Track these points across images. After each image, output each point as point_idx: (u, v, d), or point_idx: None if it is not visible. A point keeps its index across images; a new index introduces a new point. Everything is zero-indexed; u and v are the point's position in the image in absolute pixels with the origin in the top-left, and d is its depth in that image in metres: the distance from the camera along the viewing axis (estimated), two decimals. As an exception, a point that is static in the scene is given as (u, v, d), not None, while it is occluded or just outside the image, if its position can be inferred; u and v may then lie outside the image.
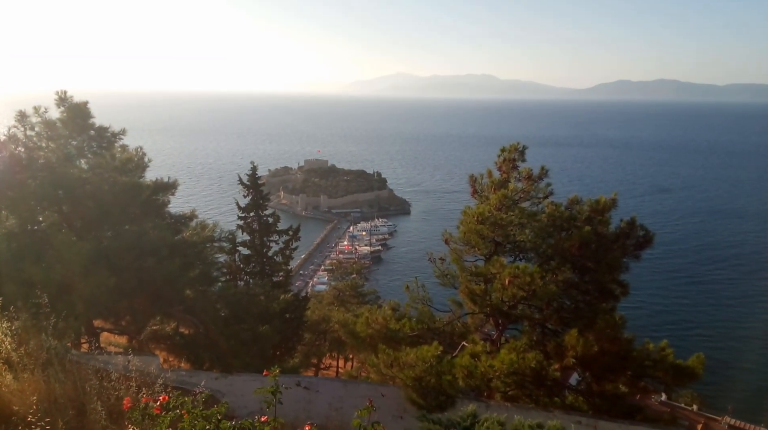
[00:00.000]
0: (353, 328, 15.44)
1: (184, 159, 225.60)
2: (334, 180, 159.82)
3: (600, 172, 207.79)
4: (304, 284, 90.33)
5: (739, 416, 49.19)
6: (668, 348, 13.80)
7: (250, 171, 22.67)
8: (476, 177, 17.00)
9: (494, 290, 14.04)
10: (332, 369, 35.91)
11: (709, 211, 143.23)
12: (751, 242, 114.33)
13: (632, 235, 14.71)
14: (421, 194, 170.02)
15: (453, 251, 15.94)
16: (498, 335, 15.62)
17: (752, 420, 48.69)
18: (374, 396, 12.41)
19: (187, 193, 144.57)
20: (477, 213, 14.63)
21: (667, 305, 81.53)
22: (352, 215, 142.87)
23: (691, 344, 64.74)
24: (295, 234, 23.55)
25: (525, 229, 14.87)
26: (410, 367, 12.06)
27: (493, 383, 12.83)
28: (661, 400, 46.08)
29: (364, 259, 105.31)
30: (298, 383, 12.58)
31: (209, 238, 16.22)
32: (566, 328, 14.25)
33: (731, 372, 60.78)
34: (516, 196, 15.35)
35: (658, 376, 13.59)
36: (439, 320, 16.63)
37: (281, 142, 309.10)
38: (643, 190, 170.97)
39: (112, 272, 12.98)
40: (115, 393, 6.78)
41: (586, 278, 14.80)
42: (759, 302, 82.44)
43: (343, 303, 37.98)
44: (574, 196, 15.90)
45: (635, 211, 22.39)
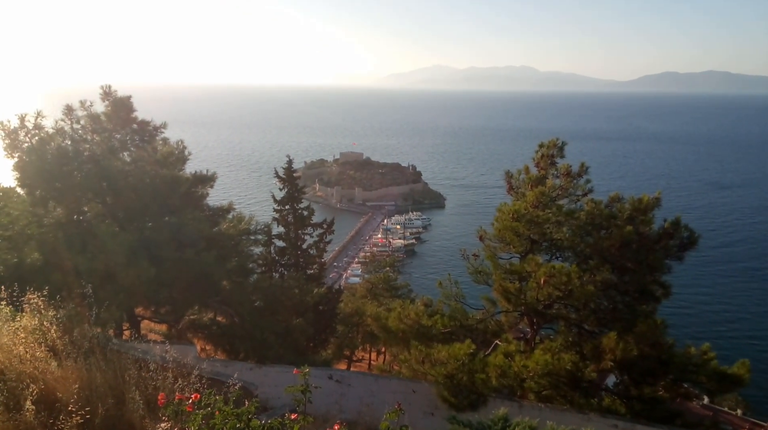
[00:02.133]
0: (385, 322, 15.45)
1: (223, 152, 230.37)
2: (369, 173, 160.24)
3: (644, 168, 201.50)
4: (338, 276, 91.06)
5: (786, 424, 47.15)
6: (710, 352, 13.29)
7: (286, 164, 22.91)
8: (512, 173, 16.71)
9: (529, 289, 13.79)
10: (365, 362, 36.14)
11: (760, 207, 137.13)
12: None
13: (676, 236, 14.17)
14: (456, 188, 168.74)
15: (487, 248, 15.73)
16: (532, 335, 15.36)
17: (801, 429, 46.57)
18: (405, 392, 12.42)
19: (225, 185, 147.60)
20: (512, 210, 14.37)
21: (713, 308, 78.73)
22: (387, 207, 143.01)
23: (737, 347, 62.37)
24: (329, 227, 23.71)
25: (562, 227, 14.53)
26: (442, 364, 11.99)
27: (526, 384, 12.63)
28: (703, 403, 44.63)
29: (398, 252, 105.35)
30: (330, 376, 12.68)
31: (245, 230, 16.50)
32: (604, 329, 13.89)
33: (779, 378, 58.24)
34: (554, 193, 15.02)
35: (700, 381, 13.12)
36: (471, 317, 16.48)
37: (317, 134, 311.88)
38: (690, 187, 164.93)
39: (153, 263, 13.36)
40: (152, 383, 6.96)
41: (626, 279, 14.36)
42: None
43: (375, 296, 38.10)
44: (615, 194, 15.42)
45: (681, 209, 21.64)
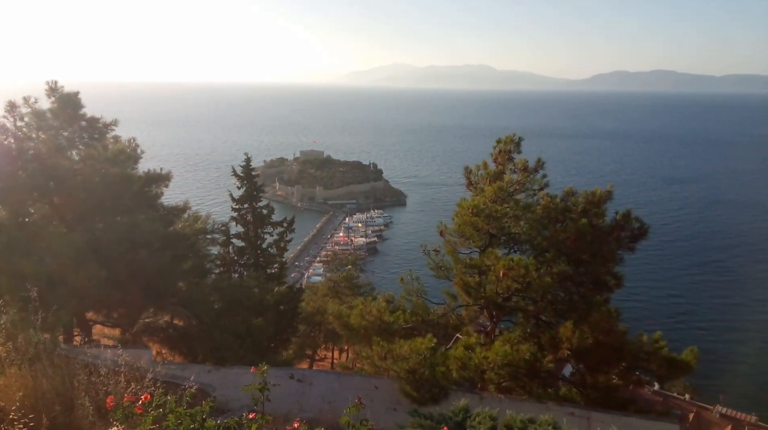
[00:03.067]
0: (347, 320, 15.40)
1: (179, 151, 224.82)
2: (330, 171, 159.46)
3: (597, 164, 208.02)
4: (300, 275, 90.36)
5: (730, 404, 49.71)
6: (662, 340, 13.83)
7: (244, 162, 22.53)
8: (471, 169, 16.93)
9: (489, 282, 14.00)
10: (327, 361, 35.97)
11: (708, 202, 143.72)
12: (749, 233, 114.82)
13: (627, 227, 14.68)
14: (417, 186, 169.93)
15: (448, 243, 15.89)
16: (492, 327, 15.61)
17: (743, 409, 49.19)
18: (368, 389, 12.40)
19: (181, 185, 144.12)
20: (472, 205, 14.56)
21: (662, 296, 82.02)
22: (348, 206, 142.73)
23: (686, 335, 65.23)
24: (289, 226, 23.47)
25: (520, 221, 14.81)
26: (404, 359, 12.04)
27: (487, 375, 12.83)
28: (654, 390, 46.46)
29: (360, 250, 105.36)
30: (291, 375, 12.53)
31: (202, 230, 16.12)
32: (561, 320, 14.26)
33: (724, 362, 61.28)
34: (511, 188, 15.29)
35: (651, 368, 13.63)
36: (433, 312, 16.60)
37: (277, 133, 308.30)
38: (641, 181, 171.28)
39: (104, 265, 12.87)
40: (103, 388, 6.69)
41: (581, 270, 14.78)
42: (755, 293, 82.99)
43: (338, 295, 37.95)
44: (570, 188, 15.84)
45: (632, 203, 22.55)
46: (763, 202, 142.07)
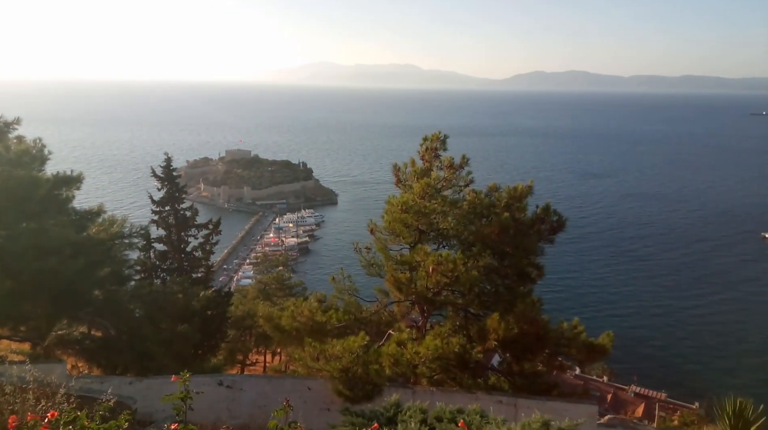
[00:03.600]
0: (278, 322, 15.11)
1: (94, 151, 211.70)
2: (258, 171, 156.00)
3: (519, 160, 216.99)
4: (228, 278, 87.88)
5: (642, 384, 53.68)
6: (580, 326, 14.63)
7: (165, 162, 21.49)
8: (399, 166, 17.10)
9: (419, 278, 14.21)
10: (259, 365, 35.19)
11: (621, 195, 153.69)
12: (658, 223, 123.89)
13: (547, 220, 15.37)
14: (348, 184, 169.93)
15: (378, 241, 15.96)
16: (423, 322, 15.86)
17: (655, 387, 53.25)
18: (300, 390, 12.23)
19: (96, 187, 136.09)
20: (401, 202, 14.70)
21: (580, 285, 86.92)
22: (278, 206, 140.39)
23: (602, 321, 69.39)
24: (215, 227, 22.64)
25: (447, 217, 15.13)
26: (337, 358, 11.97)
27: (419, 370, 13.02)
28: (575, 374, 49.23)
29: (291, 251, 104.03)
30: (220, 382, 12.12)
31: (119, 234, 15.21)
32: (488, 311, 14.72)
33: (637, 345, 65.93)
34: (438, 184, 15.58)
35: (572, 354, 14.39)
36: (365, 309, 16.64)
37: (201, 132, 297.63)
38: (559, 176, 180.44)
39: (8, 275, 11.87)
40: (9, 408, 6.17)
41: (506, 263, 15.32)
42: (664, 280, 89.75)
43: (269, 297, 37.26)
44: (493, 184, 16.38)
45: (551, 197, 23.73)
46: (670, 194, 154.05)
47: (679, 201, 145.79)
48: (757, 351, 64.83)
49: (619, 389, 49.77)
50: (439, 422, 5.03)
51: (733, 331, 70.47)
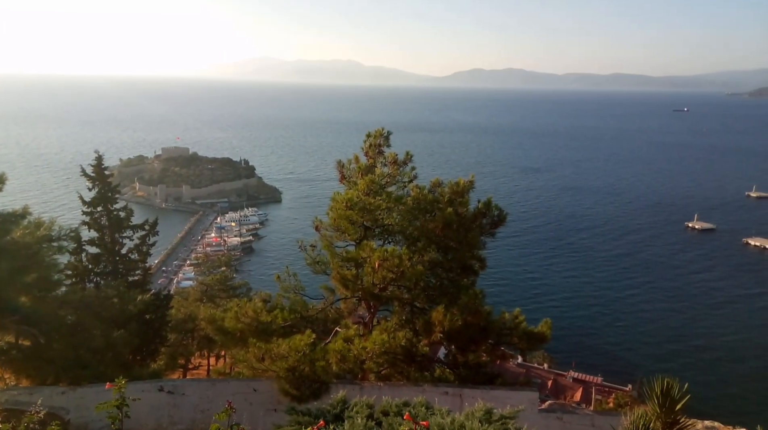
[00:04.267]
0: (221, 324, 14.73)
1: (19, 150, 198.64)
2: (197, 169, 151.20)
3: (461, 156, 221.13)
4: (168, 281, 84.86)
5: (580, 369, 56.19)
6: (521, 316, 15.12)
7: (95, 161, 20.45)
8: (344, 163, 17.05)
9: (365, 274, 14.23)
10: (203, 368, 34.22)
11: (559, 189, 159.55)
12: (594, 216, 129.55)
13: (488, 214, 15.78)
14: (292, 182, 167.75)
15: (324, 238, 15.87)
16: (370, 318, 15.92)
17: (591, 372, 55.88)
18: (246, 392, 11.99)
19: (21, 189, 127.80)
20: (346, 199, 14.67)
21: (521, 276, 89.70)
22: (219, 205, 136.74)
23: (542, 311, 72.04)
24: (152, 228, 21.79)
25: (392, 213, 15.23)
26: (282, 358, 11.81)
27: (366, 365, 13.05)
28: (518, 363, 50.86)
29: (234, 250, 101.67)
30: (160, 387, 11.68)
31: (46, 237, 14.33)
32: (433, 305, 14.94)
33: (575, 332, 68.90)
34: (383, 181, 15.66)
35: (514, 342, 14.85)
36: (312, 307, 16.50)
37: (137, 129, 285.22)
38: (500, 172, 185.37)
39: None
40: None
41: (450, 257, 15.61)
42: (600, 269, 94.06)
43: (211, 298, 36.27)
44: (436, 180, 16.64)
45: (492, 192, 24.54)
46: (603, 188, 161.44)
47: (612, 194, 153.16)
48: (682, 334, 69.24)
49: (559, 375, 51.89)
50: (385, 416, 5.06)
51: (662, 316, 74.90)
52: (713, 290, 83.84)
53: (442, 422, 4.49)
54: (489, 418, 4.85)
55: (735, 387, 56.64)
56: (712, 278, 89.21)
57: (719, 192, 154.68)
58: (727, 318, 73.76)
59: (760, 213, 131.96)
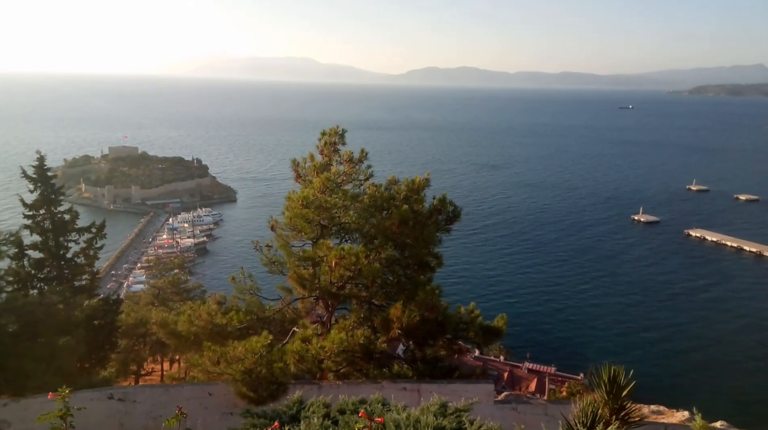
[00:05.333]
0: (174, 327, 14.35)
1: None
2: (147, 169, 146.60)
3: (417, 154, 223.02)
4: (118, 285, 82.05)
5: (535, 360, 57.75)
6: (476, 310, 15.40)
7: (37, 161, 19.52)
8: (299, 161, 16.90)
9: (322, 273, 14.16)
10: (156, 374, 33.25)
11: (513, 185, 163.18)
12: (548, 211, 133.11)
13: (444, 210, 15.96)
14: (247, 181, 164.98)
15: (280, 237, 15.67)
16: (328, 317, 15.85)
17: (545, 362, 57.51)
18: (201, 397, 11.73)
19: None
20: (301, 197, 14.54)
21: (477, 271, 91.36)
22: (171, 205, 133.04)
23: (498, 304, 73.64)
24: (99, 231, 20.97)
25: (349, 211, 15.19)
26: (239, 360, 11.61)
27: (324, 364, 13.00)
28: (475, 356, 51.82)
29: (188, 252, 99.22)
30: (110, 395, 11.28)
31: (-17, 242, 13.59)
32: (391, 302, 15.02)
33: (529, 324, 70.76)
34: (338, 179, 15.60)
35: (470, 336, 15.11)
36: (269, 308, 16.27)
37: (81, 128, 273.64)
38: (455, 168, 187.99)
39: None
40: None
41: (406, 254, 15.71)
42: (552, 262, 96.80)
43: (164, 302, 35.26)
44: (393, 177, 16.71)
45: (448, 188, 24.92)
46: (555, 183, 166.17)
47: (563, 189, 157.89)
48: (631, 324, 72.20)
49: (514, 366, 53.22)
50: (342, 414, 5.06)
51: (612, 307, 77.89)
52: (659, 281, 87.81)
53: (398, 417, 4.54)
54: (444, 412, 4.93)
55: (679, 372, 59.58)
56: (658, 269, 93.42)
57: (662, 186, 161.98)
58: (672, 307, 77.42)
59: (700, 205, 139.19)
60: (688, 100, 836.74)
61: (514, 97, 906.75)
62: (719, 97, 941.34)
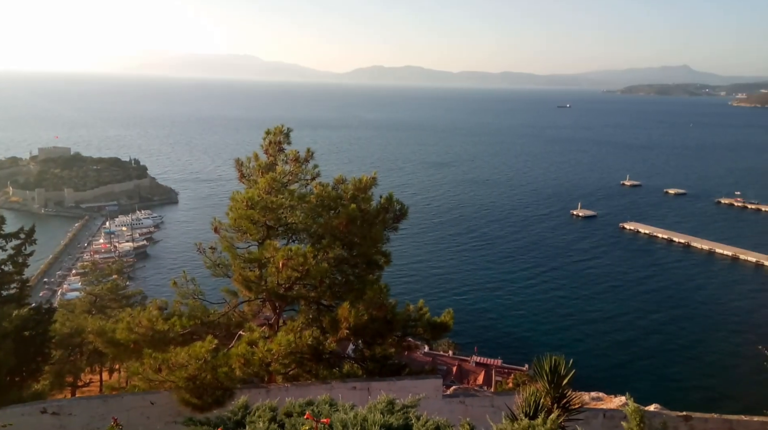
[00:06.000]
0: (113, 335, 13.71)
1: None
2: (81, 170, 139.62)
3: (364, 153, 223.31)
4: (51, 293, 77.86)
5: (482, 354, 59.09)
6: (425, 307, 15.60)
7: (-44, 163, 18.19)
8: (243, 161, 16.57)
9: (269, 274, 13.95)
10: (94, 385, 31.72)
11: (459, 182, 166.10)
12: (493, 207, 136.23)
13: (391, 209, 16.06)
14: (189, 182, 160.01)
15: (224, 239, 15.30)
16: (276, 319, 15.62)
17: (492, 355, 58.92)
18: (142, 406, 11.29)
19: None
20: (246, 198, 14.25)
21: (424, 268, 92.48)
22: (108, 208, 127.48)
23: (446, 300, 74.91)
24: (28, 236, 19.77)
25: (296, 211, 15.01)
26: (182, 367, 11.24)
27: (272, 367, 12.79)
28: (424, 352, 52.43)
29: (127, 257, 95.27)
30: (43, 409, 10.66)
31: None
32: (340, 302, 14.97)
33: (477, 319, 72.37)
34: (284, 178, 15.39)
35: (419, 333, 15.28)
36: (213, 312, 15.86)
37: (8, 128, 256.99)
38: (403, 167, 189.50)
39: None
40: None
41: (354, 253, 15.69)
42: (497, 257, 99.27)
43: (101, 310, 33.72)
44: (340, 176, 16.65)
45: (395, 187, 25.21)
46: (499, 180, 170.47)
47: (507, 186, 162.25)
48: (572, 314, 75.15)
49: (463, 361, 54.30)
50: (288, 417, 4.99)
51: (555, 299, 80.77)
52: (598, 273, 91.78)
53: (345, 417, 4.52)
54: (391, 409, 4.95)
55: (618, 361, 62.56)
56: (596, 262, 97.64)
57: (599, 182, 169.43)
58: (610, 299, 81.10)
59: (633, 200, 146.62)
60: (621, 99, 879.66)
61: (458, 97, 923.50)
62: (649, 96, 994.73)
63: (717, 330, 70.11)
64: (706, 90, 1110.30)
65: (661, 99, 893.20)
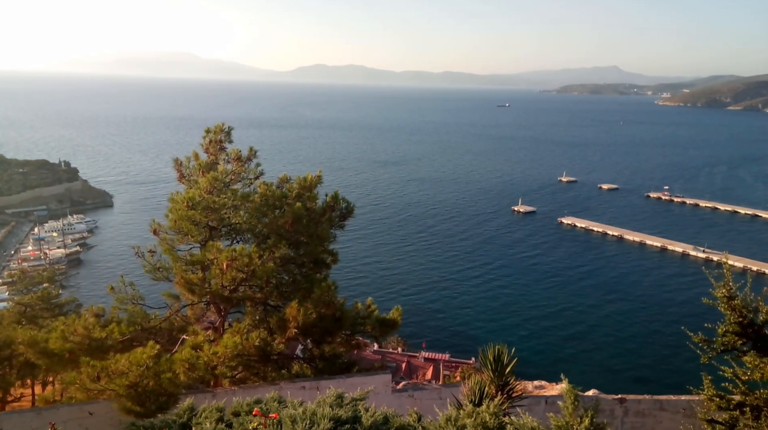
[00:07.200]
0: (45, 345, 13.01)
1: None
2: (5, 173, 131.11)
3: (309, 152, 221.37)
4: (-25, 304, 72.51)
5: (430, 349, 59.93)
6: (373, 305, 15.69)
7: None
8: (182, 161, 16.10)
9: (213, 276, 13.62)
10: (26, 399, 29.88)
11: (406, 180, 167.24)
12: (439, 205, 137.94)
13: (337, 207, 16.04)
14: (124, 184, 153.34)
15: (164, 242, 14.80)
16: (221, 321, 15.27)
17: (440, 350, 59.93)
18: (80, 417, 10.78)
19: None
20: (187, 198, 13.85)
21: (373, 266, 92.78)
22: (36, 213, 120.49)
23: (394, 298, 75.48)
24: (-53, 244, 18.43)
25: (239, 211, 14.74)
26: (122, 374, 10.81)
27: (218, 370, 12.52)
28: (373, 350, 52.65)
29: (58, 263, 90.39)
30: (-31, 429, 9.99)
31: None
32: (287, 302, 14.82)
33: (424, 315, 73.33)
34: (227, 178, 15.07)
35: (368, 330, 15.36)
36: (154, 318, 15.33)
37: None
38: (349, 166, 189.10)
39: None
40: None
41: (301, 252, 15.57)
42: (443, 254, 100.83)
43: (32, 319, 31.77)
44: (284, 175, 16.48)
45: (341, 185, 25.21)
46: (444, 178, 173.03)
47: (450, 183, 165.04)
48: (516, 308, 77.50)
49: (412, 356, 54.92)
50: (236, 416, 4.92)
51: (499, 292, 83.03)
52: (539, 267, 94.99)
53: (294, 412, 4.51)
54: (341, 402, 4.98)
55: (560, 350, 65.09)
56: (537, 256, 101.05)
57: (538, 178, 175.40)
58: (552, 290, 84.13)
59: (570, 195, 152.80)
60: (557, 98, 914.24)
61: (401, 95, 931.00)
62: (582, 95, 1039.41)
63: (650, 319, 74.20)
64: (634, 90, 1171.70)
65: (594, 98, 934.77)
